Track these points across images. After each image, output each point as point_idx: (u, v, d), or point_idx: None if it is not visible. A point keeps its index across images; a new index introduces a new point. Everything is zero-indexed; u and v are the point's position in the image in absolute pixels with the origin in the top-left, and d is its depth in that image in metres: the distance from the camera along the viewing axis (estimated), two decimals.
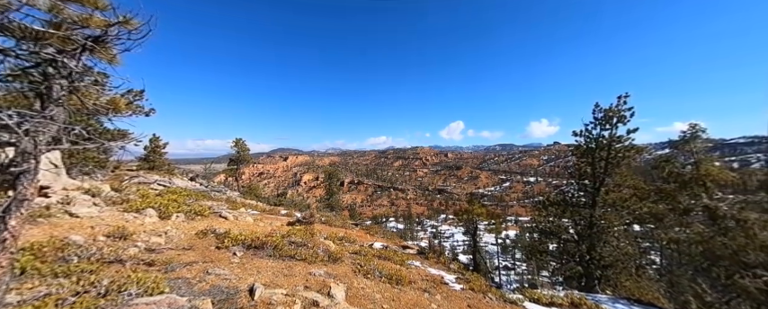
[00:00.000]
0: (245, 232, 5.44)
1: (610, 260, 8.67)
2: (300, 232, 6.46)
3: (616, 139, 8.93)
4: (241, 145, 25.26)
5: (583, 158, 10.06)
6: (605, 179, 9.28)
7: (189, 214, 6.01)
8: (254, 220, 7.92)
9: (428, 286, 5.66)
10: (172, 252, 4.04)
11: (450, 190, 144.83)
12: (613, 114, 8.90)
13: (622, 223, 9.46)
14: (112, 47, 2.28)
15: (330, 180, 31.80)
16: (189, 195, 7.97)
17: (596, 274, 8.84)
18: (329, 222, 12.73)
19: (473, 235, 12.53)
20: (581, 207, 9.98)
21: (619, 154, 8.99)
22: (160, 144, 17.32)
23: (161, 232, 4.71)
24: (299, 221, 8.50)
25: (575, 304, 5.84)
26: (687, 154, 7.43)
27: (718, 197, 7.50)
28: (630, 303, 6.86)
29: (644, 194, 8.36)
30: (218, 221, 6.57)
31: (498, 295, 6.11)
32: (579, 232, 9.87)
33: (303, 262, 4.95)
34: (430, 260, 8.96)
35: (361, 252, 7.13)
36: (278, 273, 4.11)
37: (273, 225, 7.79)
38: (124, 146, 6.05)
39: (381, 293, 4.69)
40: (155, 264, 3.45)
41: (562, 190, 11.73)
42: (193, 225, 5.69)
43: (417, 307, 4.55)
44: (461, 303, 5.27)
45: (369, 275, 5.38)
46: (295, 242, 5.80)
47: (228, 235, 4.91)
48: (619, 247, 9.36)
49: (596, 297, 6.88)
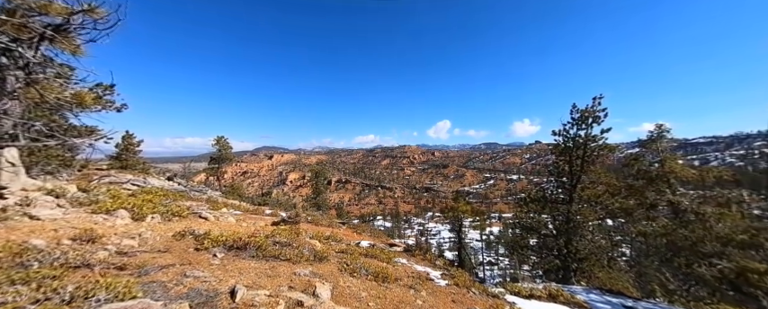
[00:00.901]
0: (227, 232, 5.27)
1: (585, 253, 9.17)
2: (285, 231, 6.34)
3: (591, 138, 9.42)
4: (223, 143, 24.35)
5: (561, 156, 10.54)
6: (581, 176, 9.78)
7: (165, 215, 5.72)
8: (236, 220, 7.67)
9: (414, 283, 5.74)
10: (146, 255, 3.84)
11: (437, 189, 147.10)
12: (589, 115, 9.38)
13: (596, 218, 10.03)
14: (76, 37, 2.12)
15: (317, 178, 31.35)
16: (166, 195, 7.59)
17: (572, 267, 9.32)
18: (316, 221, 12.57)
19: (458, 232, 12.83)
20: (559, 204, 10.46)
21: (594, 152, 9.49)
22: (134, 141, 16.37)
23: (134, 234, 4.46)
24: (284, 221, 8.34)
25: (552, 296, 6.13)
26: (654, 152, 7.99)
27: (681, 192, 8.12)
28: (603, 292, 7.29)
29: (616, 190, 8.90)
30: (198, 222, 6.31)
31: (481, 289, 6.29)
32: (557, 227, 10.35)
33: (288, 262, 4.87)
34: (416, 257, 9.08)
35: (347, 251, 7.11)
36: (261, 274, 4.01)
37: (257, 226, 7.59)
38: (93, 144, 5.67)
39: (367, 291, 4.71)
40: (127, 268, 3.26)
41: (542, 188, 12.23)
42: (170, 226, 5.43)
43: (403, 304, 4.60)
44: (446, 298, 5.38)
45: (355, 273, 5.37)
46: (279, 242, 5.69)
47: (208, 236, 4.73)
48: (593, 241, 9.92)
49: (572, 288, 7.25)
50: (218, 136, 24.48)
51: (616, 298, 6.87)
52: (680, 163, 8.04)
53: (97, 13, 2.03)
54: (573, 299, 6.07)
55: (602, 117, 9.51)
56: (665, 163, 7.80)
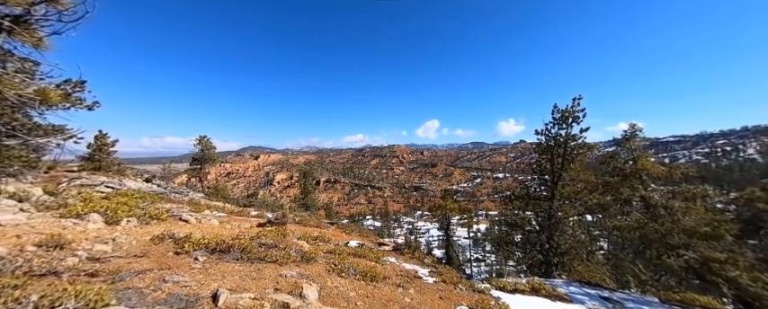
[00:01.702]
0: (210, 235, 5.10)
1: (565, 248, 9.58)
2: (272, 233, 6.21)
3: (571, 137, 9.84)
4: (206, 143, 23.49)
5: (543, 155, 10.93)
6: (562, 174, 10.19)
7: (142, 218, 5.45)
8: (220, 223, 7.44)
9: (402, 281, 5.78)
10: (121, 261, 3.65)
11: (426, 187, 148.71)
12: (569, 115, 9.79)
13: (576, 213, 10.48)
14: (38, 29, 1.98)
15: (305, 179, 30.88)
16: (143, 197, 7.23)
17: (554, 261, 9.71)
18: (303, 222, 12.39)
19: (446, 230, 13.03)
20: (542, 200, 10.85)
21: (573, 151, 9.91)
22: (108, 141, 15.47)
23: (107, 239, 4.23)
24: (271, 222, 8.16)
25: (535, 289, 6.35)
26: (628, 150, 8.46)
27: (652, 188, 8.64)
28: (582, 285, 7.63)
29: (593, 187, 9.35)
30: (178, 225, 6.06)
31: (468, 285, 6.43)
32: (540, 223, 10.73)
33: (274, 264, 4.78)
34: (405, 255, 9.15)
35: (335, 251, 7.06)
36: (245, 277, 3.92)
37: (242, 227, 7.39)
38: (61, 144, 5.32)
39: (356, 290, 4.70)
40: (99, 274, 3.09)
41: (526, 185, 12.63)
42: (148, 229, 5.19)
43: (391, 302, 4.62)
44: (433, 295, 5.45)
45: (343, 273, 5.35)
46: (265, 243, 5.57)
47: (189, 239, 4.56)
48: (573, 235, 10.36)
49: (553, 282, 7.55)
50: (200, 136, 23.58)
51: (594, 290, 7.21)
52: (651, 160, 8.55)
53: (62, 3, 1.90)
54: (554, 292, 6.32)
55: (581, 117, 9.95)
56: (637, 161, 8.28)
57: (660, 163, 9.59)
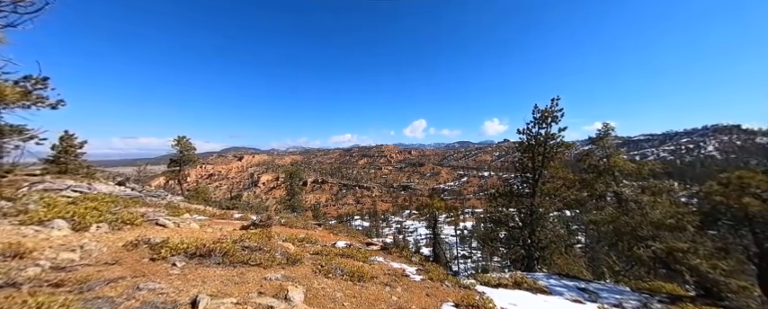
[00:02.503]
0: (189, 239, 4.89)
1: (546, 242, 10.00)
2: (255, 235, 6.04)
3: (550, 136, 10.27)
4: (185, 143, 22.46)
5: (525, 154, 11.33)
6: (542, 171, 10.62)
7: (114, 223, 5.13)
8: (200, 226, 7.15)
9: (390, 280, 5.81)
10: (90, 269, 3.43)
11: (414, 187, 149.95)
12: (548, 114, 10.21)
13: (555, 209, 10.95)
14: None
15: (291, 179, 30.27)
16: (114, 202, 6.81)
17: (535, 255, 10.11)
18: (290, 223, 12.15)
19: (433, 228, 13.21)
20: (524, 197, 11.25)
21: (553, 149, 10.35)
22: (75, 142, 14.43)
23: (75, 246, 3.95)
24: (255, 224, 7.94)
25: (517, 283, 6.59)
26: (602, 148, 8.97)
27: (624, 184, 9.19)
28: (560, 277, 8.00)
29: (571, 183, 9.81)
30: (154, 230, 5.77)
31: (454, 281, 6.56)
32: (522, 219, 11.13)
33: (258, 267, 4.66)
34: (393, 254, 9.19)
35: (322, 252, 6.98)
36: (227, 281, 3.79)
37: (224, 231, 7.15)
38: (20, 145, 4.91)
39: (343, 291, 4.67)
40: (65, 284, 2.89)
41: (509, 183, 13.05)
42: (120, 235, 4.89)
43: (379, 301, 4.63)
44: (421, 292, 5.52)
45: (330, 274, 5.30)
46: (249, 246, 5.42)
47: (167, 244, 4.36)
48: (553, 230, 10.83)
49: (535, 275, 7.86)
50: (178, 136, 22.50)
51: (572, 282, 7.58)
52: (623, 157, 9.10)
53: None
54: (535, 285, 6.58)
55: (559, 116, 10.41)
56: (610, 158, 8.78)
57: (631, 160, 10.22)
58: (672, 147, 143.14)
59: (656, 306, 5.55)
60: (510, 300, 5.34)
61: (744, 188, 5.63)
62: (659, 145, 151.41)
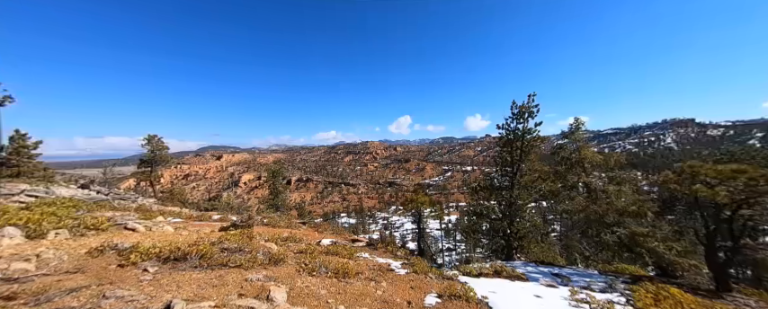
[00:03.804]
0: (162, 243, 4.65)
1: (523, 232, 10.50)
2: (236, 237, 5.86)
3: (527, 131, 10.72)
4: (157, 142, 21.13)
5: (504, 148, 11.75)
6: (520, 165, 11.09)
7: (76, 229, 4.75)
8: (175, 230, 6.80)
9: (375, 275, 5.87)
10: (48, 279, 3.17)
11: (400, 182, 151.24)
12: (525, 110, 10.63)
13: (532, 200, 11.51)
14: None
15: (274, 178, 29.45)
16: (76, 206, 6.29)
17: (514, 245, 10.60)
18: (273, 223, 11.87)
19: (418, 223, 13.44)
20: (503, 190, 11.71)
21: (529, 143, 10.82)
22: (28, 142, 13.13)
23: (29, 255, 3.63)
24: (235, 225, 7.69)
25: (497, 272, 6.89)
26: (573, 142, 9.51)
27: (595, 175, 9.84)
28: (537, 265, 8.47)
29: (546, 175, 10.34)
30: (123, 234, 5.41)
31: (438, 273, 6.75)
32: (502, 211, 11.59)
33: (238, 269, 4.53)
34: (379, 250, 9.27)
35: (307, 251, 6.91)
36: (205, 284, 3.66)
37: (201, 233, 6.86)
38: None
39: (327, 288, 4.67)
40: (18, 297, 2.65)
41: (491, 177, 13.50)
42: (83, 242, 4.55)
43: (363, 296, 4.68)
44: (405, 285, 5.63)
45: (314, 272, 5.27)
46: (228, 248, 5.25)
47: (137, 249, 4.12)
48: (530, 220, 11.39)
49: (513, 264, 8.26)
50: (149, 135, 21.11)
51: (547, 268, 8.05)
52: (592, 150, 9.72)
53: None
54: (514, 273, 6.92)
55: (535, 112, 10.87)
56: (581, 151, 9.35)
57: (600, 152, 10.94)
58: (636, 140, 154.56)
59: (620, 287, 6.05)
60: (490, 288, 5.58)
61: (694, 176, 6.22)
62: (626, 139, 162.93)
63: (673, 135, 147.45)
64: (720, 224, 6.21)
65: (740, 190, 5.68)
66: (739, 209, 5.89)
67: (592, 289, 5.97)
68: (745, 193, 5.66)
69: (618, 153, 10.59)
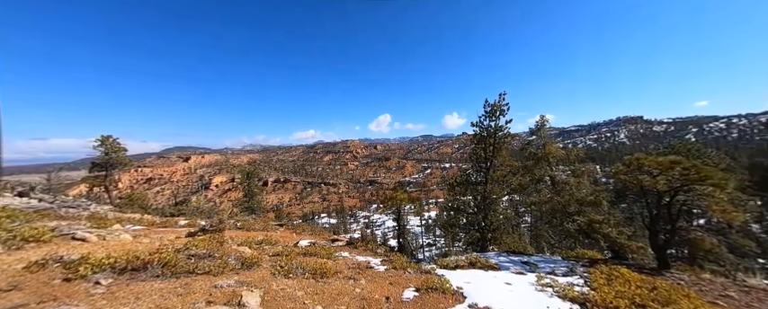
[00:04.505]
0: (118, 253, 4.26)
1: (496, 225, 11.09)
2: (204, 242, 5.53)
3: (499, 128, 11.28)
4: (111, 144, 19.18)
5: (478, 145, 12.27)
6: (493, 160, 11.65)
7: (11, 242, 4.18)
8: (134, 237, 6.25)
9: (354, 274, 5.87)
10: None
11: (381, 181, 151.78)
12: (496, 108, 11.18)
13: (504, 194, 12.17)
14: None
15: (249, 180, 28.17)
16: (11, 216, 5.53)
17: (488, 237, 11.16)
18: (247, 226, 11.38)
19: (398, 220, 13.60)
20: (478, 185, 12.24)
21: (501, 140, 11.40)
22: None
23: None
24: (204, 230, 7.25)
25: (472, 263, 7.21)
26: (539, 138, 10.20)
27: (559, 169, 10.64)
28: (508, 254, 8.99)
29: (516, 170, 10.99)
30: (70, 245, 4.86)
31: (416, 268, 6.90)
32: (477, 205, 12.12)
33: (207, 276, 4.29)
34: (359, 248, 9.26)
35: (283, 253, 6.72)
36: (169, 294, 3.42)
37: (166, 240, 6.38)
38: None
39: (304, 289, 4.58)
40: None
41: (467, 173, 14.02)
42: (21, 256, 4.02)
43: (342, 295, 4.66)
44: (384, 282, 5.70)
45: (291, 274, 5.15)
46: (196, 254, 4.95)
47: (87, 261, 3.73)
48: (503, 213, 12.04)
49: (487, 255, 8.69)
50: (102, 136, 19.10)
51: (517, 257, 8.57)
52: (557, 146, 10.49)
53: None
54: (487, 263, 7.29)
55: (506, 110, 11.46)
56: (546, 147, 10.06)
57: (564, 148, 11.84)
58: (595, 136, 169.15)
59: (580, 270, 6.62)
60: (465, 279, 5.82)
61: (640, 167, 6.98)
62: (586, 135, 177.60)
63: (625, 131, 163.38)
64: (661, 209, 7.02)
65: (676, 179, 6.46)
66: (676, 195, 6.70)
67: (556, 274, 6.47)
68: (680, 181, 6.45)
69: (578, 148, 11.53)
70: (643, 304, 4.27)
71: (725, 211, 5.94)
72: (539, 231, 16.09)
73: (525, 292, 5.16)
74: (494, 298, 4.71)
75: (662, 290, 4.72)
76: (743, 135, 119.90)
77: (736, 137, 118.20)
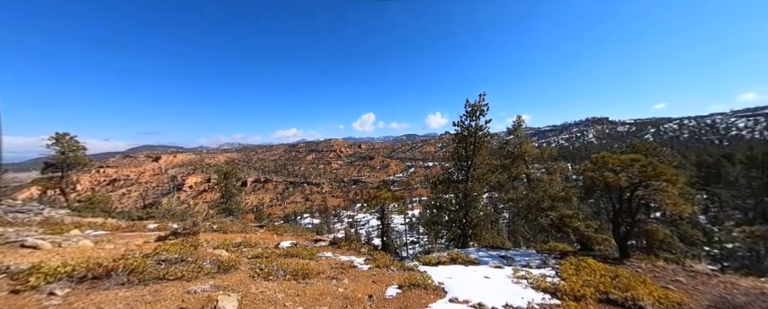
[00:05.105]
0: (76, 260, 3.91)
1: (476, 221, 11.49)
2: (176, 246, 5.23)
3: (479, 128, 11.67)
4: (68, 142, 17.51)
5: (460, 144, 12.61)
6: (473, 159, 12.04)
7: None
8: (96, 243, 5.78)
9: (337, 273, 5.82)
10: None
11: (365, 180, 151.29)
12: (477, 108, 11.55)
13: (483, 192, 12.63)
14: None
15: (226, 180, 26.89)
16: None
17: (469, 233, 11.53)
18: (224, 229, 10.90)
19: (382, 218, 13.66)
20: (459, 183, 12.59)
21: (481, 139, 11.80)
22: None
23: None
24: (176, 233, 6.85)
25: (453, 259, 7.42)
26: (516, 138, 10.70)
27: (535, 167, 11.21)
28: (487, 249, 9.35)
29: (494, 168, 11.45)
30: (18, 253, 4.38)
31: (399, 266, 6.98)
32: (459, 202, 12.47)
33: (179, 281, 4.07)
34: (342, 248, 9.20)
35: (263, 255, 6.52)
36: (134, 302, 3.21)
37: (132, 245, 5.96)
38: None
39: (285, 291, 4.48)
40: None
41: (449, 171, 14.36)
42: None
43: (324, 295, 4.61)
44: (367, 280, 5.71)
45: (271, 276, 5.02)
46: (167, 259, 4.67)
47: (39, 270, 3.39)
48: (483, 210, 12.49)
49: (467, 251, 8.98)
50: (57, 134, 17.38)
51: (495, 252, 8.94)
52: (531, 145, 11.05)
53: None
54: (467, 259, 7.53)
55: (485, 110, 11.87)
56: (522, 146, 10.56)
57: (539, 147, 12.49)
58: (567, 136, 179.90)
59: (552, 262, 7.05)
60: (446, 275, 5.98)
61: (605, 165, 7.54)
62: (559, 134, 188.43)
63: (593, 131, 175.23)
64: (623, 203, 7.63)
65: (636, 175, 7.05)
66: (636, 191, 7.31)
67: (530, 267, 6.83)
68: (639, 178, 7.04)
69: (552, 147, 12.21)
70: (606, 291, 4.63)
71: (676, 204, 6.57)
72: (516, 226, 16.86)
73: (502, 285, 5.40)
74: (473, 292, 4.89)
75: (622, 278, 5.15)
76: (693, 135, 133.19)
77: (687, 137, 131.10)
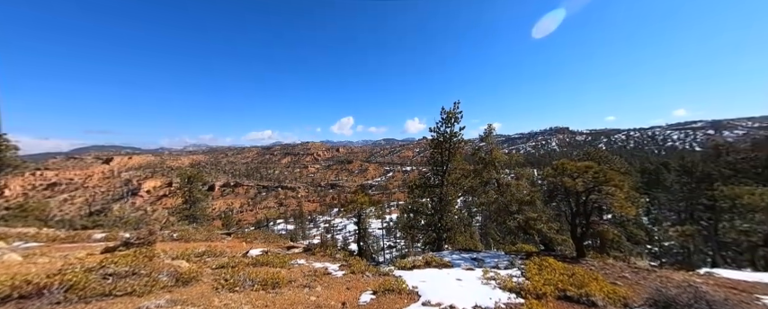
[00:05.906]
0: (1, 277, 3.38)
1: (451, 225, 11.85)
2: (127, 258, 4.72)
3: (454, 134, 12.15)
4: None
5: (436, 149, 13.01)
6: (448, 164, 12.47)
7: None
8: (25, 257, 5.02)
9: (309, 281, 5.64)
10: None
11: (343, 184, 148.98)
12: (451, 115, 12.04)
13: (458, 196, 13.10)
14: None
15: (190, 184, 24.85)
16: None
17: (443, 236, 11.84)
18: (185, 237, 10.08)
19: (359, 223, 13.51)
20: (435, 187, 12.93)
21: (455, 145, 12.29)
22: None
23: None
24: (128, 243, 6.19)
25: (427, 263, 7.56)
26: (487, 144, 11.31)
27: (505, 172, 11.87)
28: (461, 252, 9.66)
29: (467, 174, 11.96)
30: None
31: (374, 271, 6.94)
32: (434, 207, 12.79)
33: (128, 297, 3.68)
34: (316, 255, 8.94)
35: (229, 265, 6.13)
36: None
37: (73, 258, 5.28)
38: None
39: (252, 303, 4.25)
40: None
41: (425, 176, 14.69)
42: None
43: (295, 304, 4.44)
44: (341, 287, 5.60)
45: (237, 287, 4.73)
46: (115, 273, 4.20)
47: None
48: (458, 214, 12.93)
49: (442, 254, 9.20)
50: None
51: (468, 254, 9.27)
52: (500, 152, 11.73)
53: None
54: (441, 262, 7.72)
55: (460, 117, 12.41)
56: (492, 152, 11.18)
57: (508, 153, 13.29)
58: (534, 143, 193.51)
59: (518, 262, 7.48)
60: (421, 278, 6.07)
61: (564, 171, 8.24)
62: (526, 142, 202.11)
63: (556, 139, 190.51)
64: (579, 206, 8.37)
65: (590, 180, 7.79)
66: (590, 195, 8.06)
67: (499, 267, 7.18)
68: (592, 183, 7.79)
69: (519, 154, 13.05)
70: (564, 289, 5.02)
71: (622, 206, 7.36)
72: (487, 229, 17.64)
73: (473, 286, 5.61)
74: (446, 294, 5.01)
75: (578, 275, 5.61)
76: (637, 145, 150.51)
77: (633, 147, 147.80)
